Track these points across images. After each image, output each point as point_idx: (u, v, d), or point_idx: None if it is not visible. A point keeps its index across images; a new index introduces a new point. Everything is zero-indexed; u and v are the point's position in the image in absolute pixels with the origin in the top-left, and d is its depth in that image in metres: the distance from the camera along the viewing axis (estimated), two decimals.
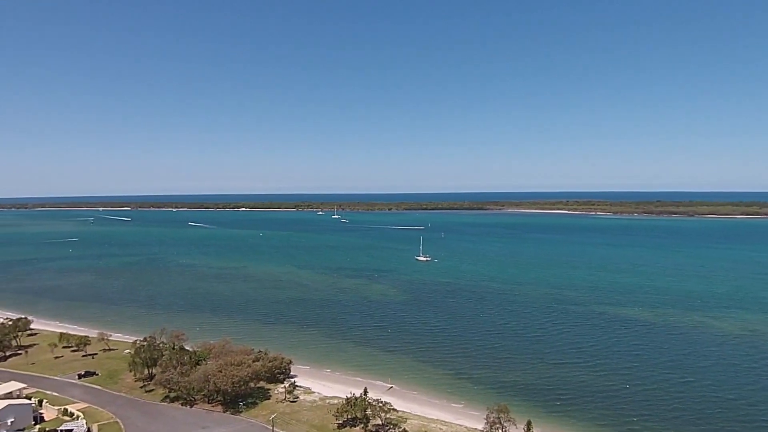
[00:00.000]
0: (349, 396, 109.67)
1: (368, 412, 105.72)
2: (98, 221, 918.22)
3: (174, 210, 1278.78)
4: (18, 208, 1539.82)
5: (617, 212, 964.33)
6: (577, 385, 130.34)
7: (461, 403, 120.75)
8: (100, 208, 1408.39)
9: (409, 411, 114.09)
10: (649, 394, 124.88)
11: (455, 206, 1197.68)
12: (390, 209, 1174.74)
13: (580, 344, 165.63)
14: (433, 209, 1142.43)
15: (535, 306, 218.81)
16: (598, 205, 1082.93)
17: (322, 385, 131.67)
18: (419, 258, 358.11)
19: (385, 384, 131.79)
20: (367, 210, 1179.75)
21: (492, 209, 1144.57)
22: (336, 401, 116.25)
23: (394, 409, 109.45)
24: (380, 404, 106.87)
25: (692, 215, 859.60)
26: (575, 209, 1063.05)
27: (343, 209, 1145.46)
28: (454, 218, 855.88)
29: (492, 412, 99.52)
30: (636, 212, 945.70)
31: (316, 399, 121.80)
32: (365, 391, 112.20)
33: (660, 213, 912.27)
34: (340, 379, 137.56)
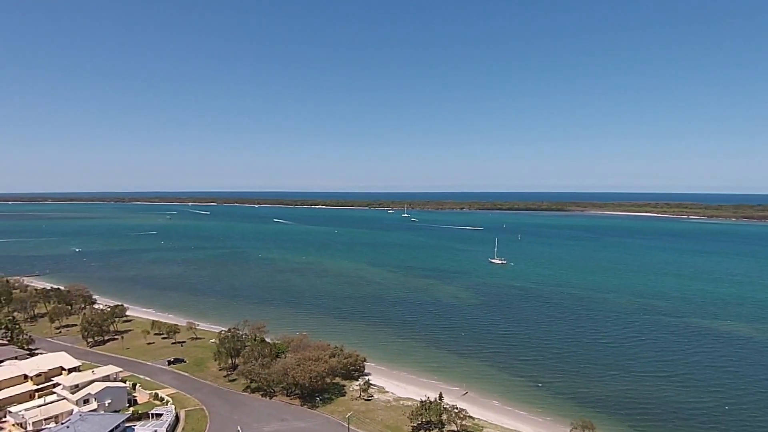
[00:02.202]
0: (423, 399, 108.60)
1: (443, 417, 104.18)
2: (180, 215, 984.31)
3: (256, 206, 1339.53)
4: (116, 201, 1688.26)
5: (712, 216, 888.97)
6: (667, 402, 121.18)
7: (540, 414, 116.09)
8: (189, 203, 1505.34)
9: (485, 419, 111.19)
10: (751, 417, 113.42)
11: (533, 207, 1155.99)
12: (461, 209, 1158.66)
13: (668, 358, 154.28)
14: (508, 209, 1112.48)
15: (619, 315, 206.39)
16: (691, 208, 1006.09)
17: (396, 386, 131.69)
18: (494, 261, 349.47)
19: (460, 389, 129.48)
20: (438, 209, 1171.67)
21: (573, 210, 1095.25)
22: (410, 403, 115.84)
23: (470, 417, 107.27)
24: (456, 410, 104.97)
25: None
26: (665, 212, 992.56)
27: (413, 208, 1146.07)
28: (531, 219, 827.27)
29: (576, 428, 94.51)
30: (734, 217, 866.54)
31: (390, 399, 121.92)
32: (440, 396, 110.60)
33: (762, 218, 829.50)
34: (413, 380, 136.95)
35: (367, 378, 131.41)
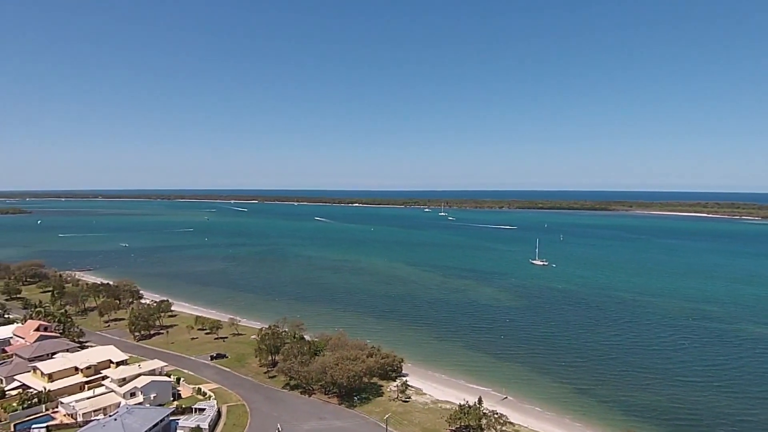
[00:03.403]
0: (462, 403, 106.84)
1: (483, 422, 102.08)
2: (220, 212, 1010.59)
3: (296, 204, 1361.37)
4: (162, 198, 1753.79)
5: (767, 217, 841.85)
6: (718, 413, 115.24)
7: (583, 421, 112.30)
8: (232, 201, 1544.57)
9: (525, 425, 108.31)
10: None
11: (575, 206, 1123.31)
12: (501, 207, 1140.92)
13: (719, 366, 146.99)
14: (549, 209, 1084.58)
15: (666, 319, 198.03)
16: (744, 209, 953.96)
17: (433, 388, 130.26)
18: (535, 262, 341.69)
19: (499, 393, 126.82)
20: (476, 208, 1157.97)
21: (617, 210, 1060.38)
22: (449, 406, 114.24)
23: (510, 422, 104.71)
24: (495, 415, 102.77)
25: None
26: (716, 212, 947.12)
27: (450, 206, 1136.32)
28: (573, 219, 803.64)
29: None
30: None
31: (428, 401, 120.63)
32: (480, 400, 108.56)
33: None
34: (451, 383, 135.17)
35: (404, 379, 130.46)
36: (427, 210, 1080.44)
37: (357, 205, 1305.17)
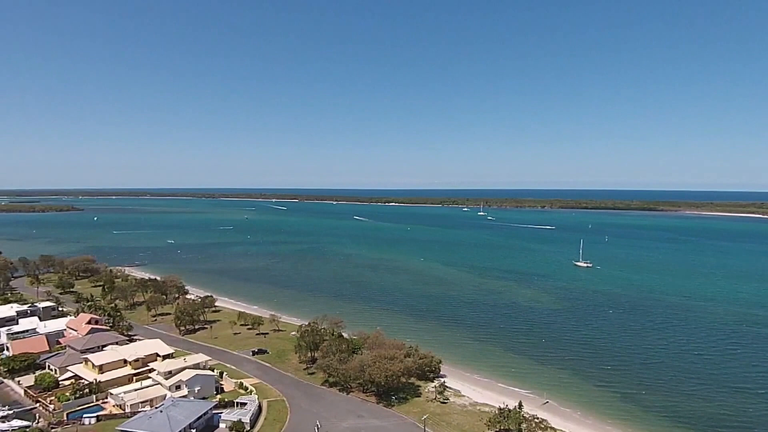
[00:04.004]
0: (502, 406, 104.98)
1: (523, 426, 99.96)
2: (260, 211, 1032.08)
3: (334, 203, 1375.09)
4: (207, 197, 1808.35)
5: None
6: None
7: (625, 428, 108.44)
8: (273, 200, 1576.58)
9: (567, 431, 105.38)
10: None
11: (621, 206, 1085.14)
12: (542, 207, 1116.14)
13: None
14: (594, 209, 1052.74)
15: (717, 325, 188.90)
16: None
17: (472, 390, 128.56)
18: (578, 263, 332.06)
19: (539, 398, 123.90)
20: (516, 207, 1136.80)
21: (665, 210, 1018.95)
22: (488, 409, 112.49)
23: (552, 428, 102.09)
24: (536, 420, 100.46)
25: None
26: None
27: (489, 206, 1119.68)
28: (619, 220, 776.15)
29: None
30: None
31: (467, 404, 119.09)
32: (520, 404, 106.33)
33: None
34: (490, 385, 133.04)
35: (442, 380, 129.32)
36: (465, 209, 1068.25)
37: (394, 204, 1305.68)
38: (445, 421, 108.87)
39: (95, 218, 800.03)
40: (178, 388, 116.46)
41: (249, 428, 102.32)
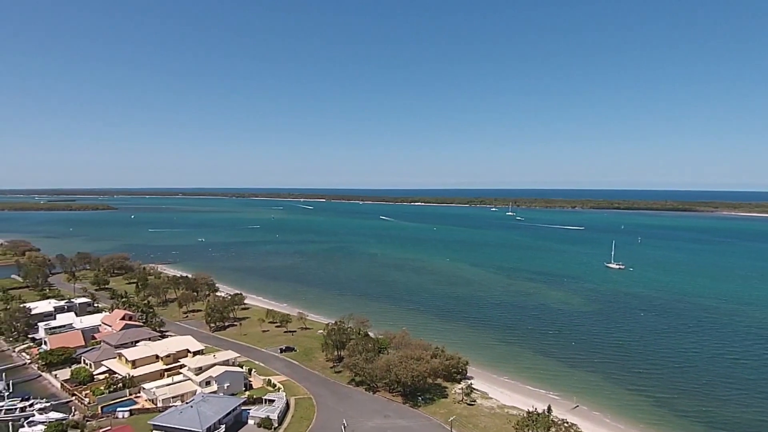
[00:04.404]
0: (531, 410, 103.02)
1: (552, 430, 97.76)
2: (287, 210, 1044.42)
3: (360, 203, 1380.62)
4: (236, 196, 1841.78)
5: None
6: None
7: None
8: (301, 199, 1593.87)
9: None
10: None
11: (655, 206, 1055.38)
12: (573, 207, 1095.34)
13: None
14: (626, 209, 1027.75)
15: (754, 329, 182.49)
16: None
17: (500, 392, 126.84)
18: (610, 265, 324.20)
19: (569, 401, 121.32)
20: (546, 207, 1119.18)
21: (701, 211, 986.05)
22: (515, 412, 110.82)
23: None
24: (566, 425, 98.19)
25: None
26: None
27: (518, 206, 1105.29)
28: (653, 220, 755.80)
29: None
30: None
31: (494, 406, 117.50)
32: (549, 408, 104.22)
33: None
34: (518, 388, 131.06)
35: (469, 382, 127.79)
36: (493, 209, 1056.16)
37: (420, 203, 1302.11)
38: (472, 423, 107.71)
39: (132, 216, 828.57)
40: (208, 383, 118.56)
41: (277, 425, 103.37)
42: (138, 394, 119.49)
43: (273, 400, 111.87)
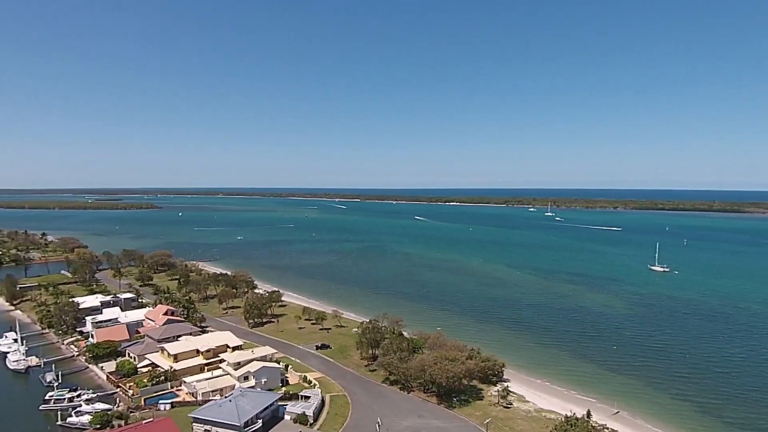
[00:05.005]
0: (569, 414, 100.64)
1: None
2: (321, 209, 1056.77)
3: (394, 203, 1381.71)
4: (275, 196, 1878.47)
5: None
6: None
7: None
8: (336, 199, 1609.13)
9: None
10: None
11: (702, 207, 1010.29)
12: (615, 208, 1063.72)
13: None
14: (672, 210, 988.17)
15: None
16: None
17: (537, 396, 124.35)
18: (654, 268, 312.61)
19: (609, 407, 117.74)
20: (586, 208, 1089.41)
21: (752, 212, 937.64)
22: (553, 416, 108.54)
23: None
24: (606, 430, 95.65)
25: None
26: None
27: (557, 206, 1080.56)
28: (700, 222, 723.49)
29: None
30: None
31: (531, 409, 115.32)
32: (588, 413, 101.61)
33: None
34: (556, 392, 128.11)
35: (505, 384, 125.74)
36: (531, 209, 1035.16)
37: (455, 203, 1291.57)
38: (508, 426, 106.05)
39: (180, 214, 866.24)
40: (246, 378, 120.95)
41: (312, 421, 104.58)
42: (179, 388, 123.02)
43: (309, 397, 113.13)
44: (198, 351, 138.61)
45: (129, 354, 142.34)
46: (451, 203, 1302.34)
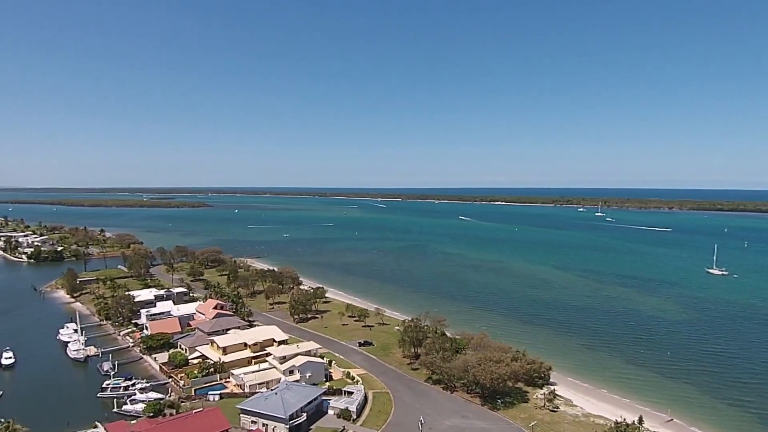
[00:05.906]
0: (619, 420, 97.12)
1: None
2: (362, 209, 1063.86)
3: (436, 202, 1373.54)
4: (319, 195, 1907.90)
5: None
6: None
7: None
8: (378, 198, 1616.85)
9: None
10: None
11: (764, 208, 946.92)
12: (670, 208, 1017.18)
13: None
14: (731, 211, 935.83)
15: None
16: None
17: (585, 400, 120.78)
18: (711, 271, 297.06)
19: (663, 414, 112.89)
20: (639, 208, 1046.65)
21: None
22: (602, 422, 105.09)
23: None
24: None
25: None
26: None
27: (608, 206, 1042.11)
28: (762, 223, 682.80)
29: None
30: None
31: (579, 414, 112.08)
32: (640, 419, 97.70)
33: None
34: (606, 397, 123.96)
35: (552, 387, 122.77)
36: (581, 209, 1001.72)
37: (501, 203, 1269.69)
38: (554, 430, 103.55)
39: (236, 210, 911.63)
40: (291, 372, 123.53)
41: (355, 417, 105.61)
42: (227, 379, 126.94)
43: (352, 393, 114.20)
44: (245, 344, 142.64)
45: (181, 346, 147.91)
46: (497, 203, 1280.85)
